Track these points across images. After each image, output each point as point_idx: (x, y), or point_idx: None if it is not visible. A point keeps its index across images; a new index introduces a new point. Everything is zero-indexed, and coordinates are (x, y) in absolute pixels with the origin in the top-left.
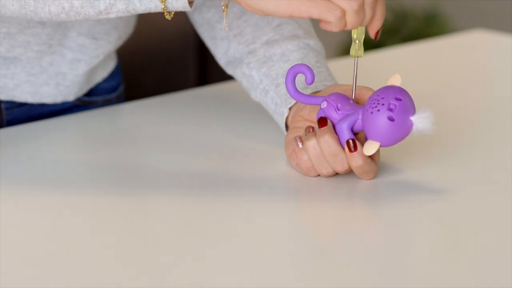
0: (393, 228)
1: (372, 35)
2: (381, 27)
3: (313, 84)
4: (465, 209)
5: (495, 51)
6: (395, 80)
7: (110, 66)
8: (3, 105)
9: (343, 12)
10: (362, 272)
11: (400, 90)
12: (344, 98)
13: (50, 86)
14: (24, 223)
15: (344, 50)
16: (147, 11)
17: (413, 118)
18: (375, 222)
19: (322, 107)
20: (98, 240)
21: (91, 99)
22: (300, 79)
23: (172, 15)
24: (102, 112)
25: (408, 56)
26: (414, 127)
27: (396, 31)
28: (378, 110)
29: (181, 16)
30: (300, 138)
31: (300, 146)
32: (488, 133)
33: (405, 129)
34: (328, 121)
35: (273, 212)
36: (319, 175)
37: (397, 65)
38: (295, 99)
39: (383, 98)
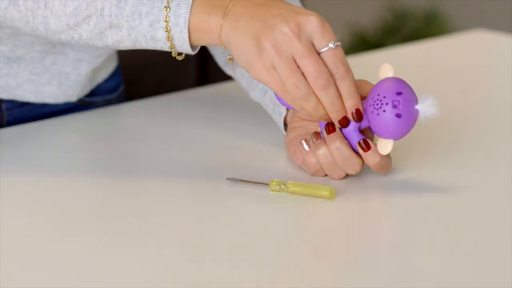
0: (393, 228)
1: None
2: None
3: None
4: (465, 209)
5: (495, 51)
6: (387, 71)
7: (111, 66)
8: (4, 106)
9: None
10: (363, 273)
11: (398, 83)
12: None
13: (52, 85)
14: (24, 223)
15: (344, 50)
16: (155, 48)
17: (418, 107)
18: (375, 222)
19: None
20: (98, 240)
21: (91, 100)
22: None
23: (183, 56)
24: (102, 112)
25: (408, 56)
26: (421, 115)
27: (396, 31)
28: (384, 111)
29: None
30: (306, 141)
31: (307, 149)
32: (488, 133)
33: (413, 120)
34: (336, 126)
35: (273, 212)
36: (326, 175)
37: (397, 65)
38: (289, 108)
39: (384, 97)
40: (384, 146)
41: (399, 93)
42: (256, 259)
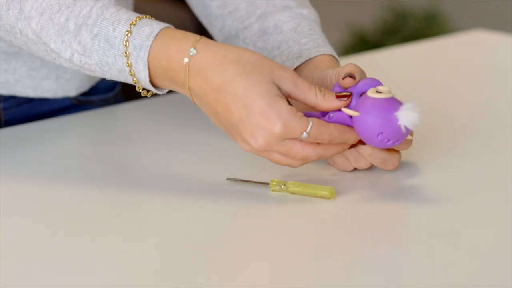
0: (393, 228)
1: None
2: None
3: (307, 52)
4: (465, 210)
5: (495, 51)
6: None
7: None
8: (1, 105)
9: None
10: (362, 273)
11: (373, 122)
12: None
13: (50, 79)
14: (23, 223)
15: (344, 50)
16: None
17: (402, 124)
18: (375, 222)
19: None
20: (97, 240)
21: (88, 99)
22: None
23: (149, 93)
24: (100, 112)
25: (408, 56)
26: (409, 127)
27: (396, 31)
28: (381, 148)
29: (181, 13)
30: None
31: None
32: (488, 133)
33: (404, 133)
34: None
35: (273, 211)
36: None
37: (397, 65)
38: None
39: (371, 143)
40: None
41: (380, 134)
42: (256, 259)
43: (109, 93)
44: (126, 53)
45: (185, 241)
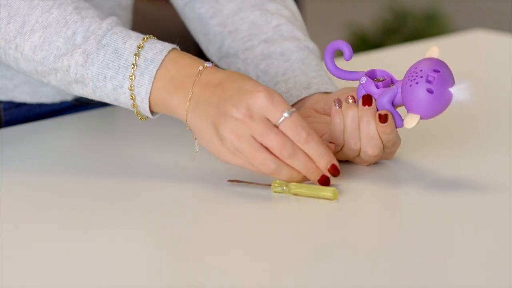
0: (396, 229)
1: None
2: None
3: (316, 86)
4: (466, 210)
5: (495, 51)
6: (433, 53)
7: None
8: (1, 106)
9: (278, 165)
10: (366, 274)
11: (438, 62)
12: (383, 73)
13: (49, 86)
14: (23, 223)
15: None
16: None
17: (452, 90)
18: (378, 223)
19: (361, 82)
20: (97, 239)
21: (89, 99)
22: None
23: (144, 119)
24: (100, 112)
25: (408, 56)
26: (453, 99)
27: (396, 31)
28: (417, 83)
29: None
30: (339, 100)
31: (338, 108)
32: (488, 133)
33: (445, 101)
34: (373, 100)
35: (275, 213)
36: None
37: (397, 65)
38: (334, 76)
39: (421, 70)
40: (410, 120)
41: (436, 71)
42: (259, 260)
43: None
44: (134, 64)
45: (186, 242)
